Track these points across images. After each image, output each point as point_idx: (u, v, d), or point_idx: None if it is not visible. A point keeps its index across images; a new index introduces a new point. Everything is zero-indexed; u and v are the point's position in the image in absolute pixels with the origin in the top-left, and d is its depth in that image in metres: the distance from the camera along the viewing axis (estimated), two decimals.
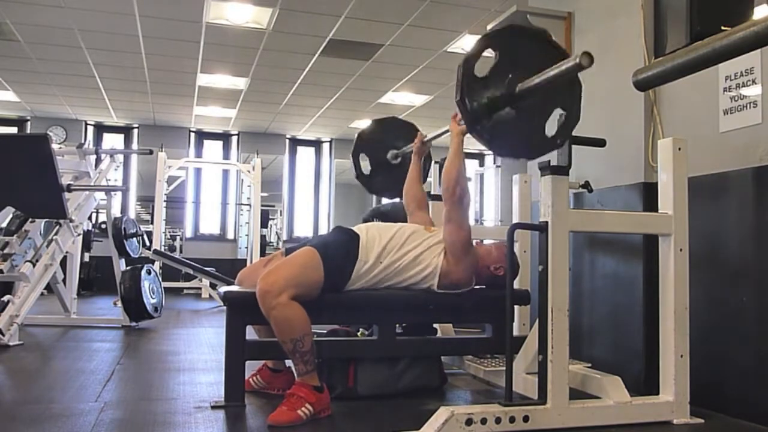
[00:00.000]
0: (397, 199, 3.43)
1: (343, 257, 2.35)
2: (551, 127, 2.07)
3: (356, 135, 3.25)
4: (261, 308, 2.14)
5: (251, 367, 2.54)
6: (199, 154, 10.28)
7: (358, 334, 2.76)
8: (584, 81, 3.03)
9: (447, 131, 2.52)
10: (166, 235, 10.00)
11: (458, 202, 2.36)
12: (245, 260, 9.22)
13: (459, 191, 2.35)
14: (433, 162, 3.34)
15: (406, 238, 2.43)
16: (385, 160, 3.22)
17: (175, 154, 9.25)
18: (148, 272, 4.83)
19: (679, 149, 2.21)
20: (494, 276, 2.50)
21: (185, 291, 8.70)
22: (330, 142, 10.90)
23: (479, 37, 2.03)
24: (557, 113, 2.07)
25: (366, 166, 3.22)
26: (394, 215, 2.72)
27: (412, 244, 2.42)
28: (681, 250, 2.20)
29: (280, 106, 8.71)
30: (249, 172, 8.67)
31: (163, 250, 8.07)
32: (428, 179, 3.28)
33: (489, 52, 2.00)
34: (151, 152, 6.02)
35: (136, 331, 4.55)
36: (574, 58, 1.74)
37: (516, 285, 2.69)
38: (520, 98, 1.97)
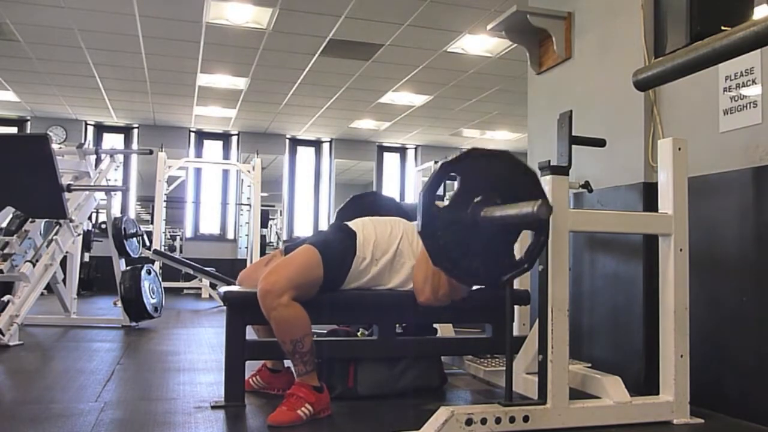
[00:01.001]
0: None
1: (342, 254, 2.35)
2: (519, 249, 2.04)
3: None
4: (262, 308, 2.14)
5: (251, 367, 2.54)
6: (199, 154, 10.29)
7: (358, 334, 2.76)
8: (584, 81, 3.04)
9: None
10: (166, 235, 10.00)
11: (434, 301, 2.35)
12: (245, 260, 9.22)
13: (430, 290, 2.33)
14: (433, 162, 3.33)
15: (399, 240, 2.43)
16: None
17: (175, 154, 9.25)
18: (148, 272, 4.83)
19: (679, 149, 2.21)
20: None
21: (185, 291, 8.70)
22: (330, 142, 10.90)
23: (438, 163, 1.98)
24: (526, 233, 2.03)
25: None
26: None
27: (403, 247, 2.42)
28: (681, 250, 2.20)
29: (280, 106, 8.71)
30: (249, 172, 8.67)
31: (163, 250, 8.07)
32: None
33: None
34: (151, 152, 6.02)
35: (136, 331, 4.55)
36: (533, 205, 1.71)
37: (516, 285, 2.69)
38: (485, 225, 1.92)
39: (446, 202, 1.96)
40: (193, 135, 10.30)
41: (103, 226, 6.60)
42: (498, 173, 1.99)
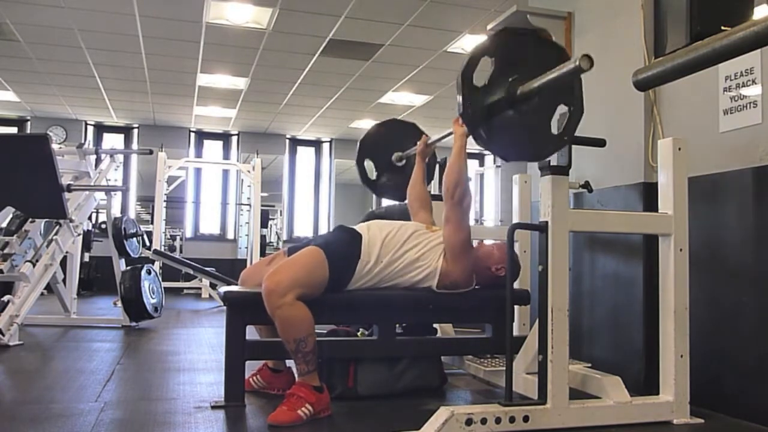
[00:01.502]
0: (393, 202, 3.42)
1: (347, 256, 2.35)
2: (555, 125, 2.07)
3: (359, 140, 3.24)
4: (266, 307, 2.14)
5: (251, 367, 2.54)
6: (199, 154, 10.29)
7: (358, 334, 2.76)
8: (584, 81, 3.03)
9: (450, 133, 2.52)
10: (166, 235, 10.00)
11: (458, 203, 2.36)
12: (245, 260, 9.22)
13: (459, 193, 2.35)
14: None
15: (407, 237, 2.43)
16: (389, 162, 3.21)
17: (175, 154, 9.25)
18: (148, 272, 4.83)
19: (679, 149, 2.21)
20: (496, 276, 2.50)
21: (185, 291, 8.70)
22: (330, 142, 10.90)
23: (475, 44, 2.02)
24: (561, 110, 2.07)
25: (371, 170, 3.21)
26: (389, 218, 2.72)
27: (413, 243, 2.42)
28: (681, 250, 2.20)
29: (280, 106, 8.71)
30: (249, 172, 8.67)
31: (163, 250, 8.07)
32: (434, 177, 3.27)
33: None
34: (151, 152, 6.01)
35: (136, 331, 4.55)
36: (574, 60, 1.74)
37: (516, 285, 2.69)
38: (522, 101, 1.97)
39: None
40: (193, 135, 10.29)
41: (103, 226, 6.59)
42: (530, 52, 2.03)
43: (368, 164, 3.21)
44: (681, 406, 2.16)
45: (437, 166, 3.24)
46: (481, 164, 11.16)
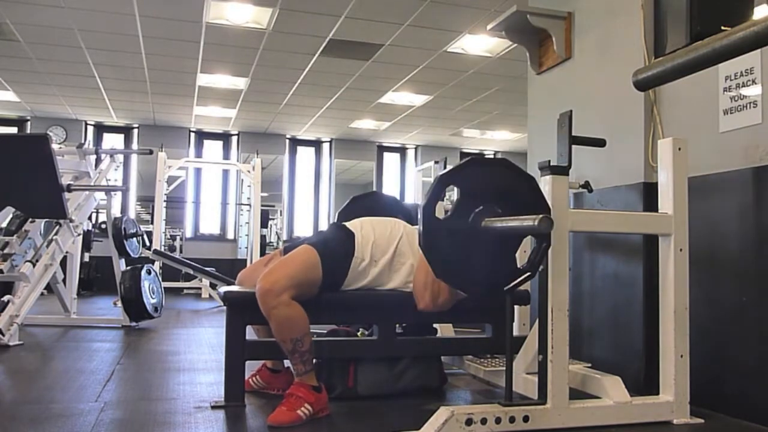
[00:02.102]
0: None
1: (341, 254, 2.35)
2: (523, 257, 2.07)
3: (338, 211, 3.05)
4: (261, 308, 2.14)
5: (251, 367, 2.54)
6: (199, 154, 10.29)
7: (358, 334, 2.76)
8: (584, 81, 3.04)
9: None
10: (166, 235, 10.00)
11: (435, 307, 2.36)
12: (245, 260, 9.22)
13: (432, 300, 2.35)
14: (433, 162, 3.33)
15: (398, 240, 2.43)
16: None
17: (175, 154, 9.25)
18: (148, 272, 4.83)
19: (679, 149, 2.21)
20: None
21: (185, 291, 8.70)
22: (330, 142, 10.90)
23: (437, 177, 1.99)
24: (529, 240, 2.06)
25: None
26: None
27: (403, 247, 2.42)
28: (681, 250, 2.20)
29: (280, 106, 8.71)
30: (249, 172, 8.67)
31: (163, 250, 8.07)
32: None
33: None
34: (151, 152, 6.02)
35: (136, 331, 4.55)
36: (534, 219, 1.75)
37: None
38: (486, 234, 1.93)
39: (448, 207, 1.97)
40: (193, 135, 10.30)
41: (103, 226, 6.60)
42: (498, 182, 2.00)
43: None
44: (681, 406, 2.16)
45: (435, 166, 3.22)
46: None
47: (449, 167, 2.04)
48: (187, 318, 5.80)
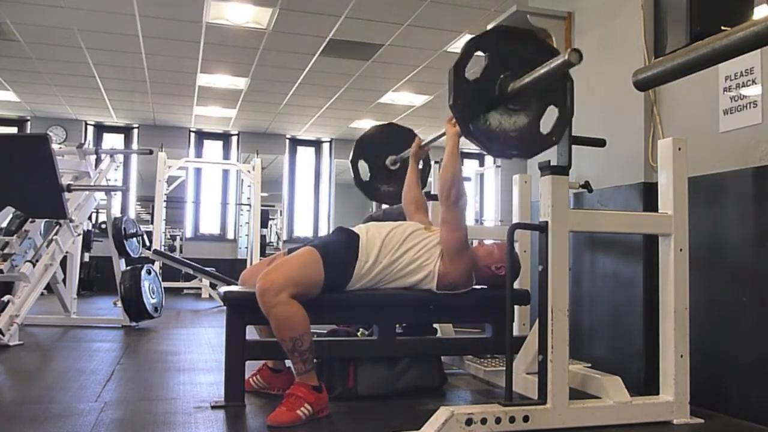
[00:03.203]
0: (388, 206, 3.42)
1: (344, 257, 2.35)
2: (546, 125, 2.07)
3: (354, 142, 3.24)
4: (261, 306, 2.15)
5: (251, 367, 2.54)
6: (199, 154, 10.28)
7: (358, 334, 2.76)
8: (584, 81, 3.03)
9: (443, 134, 2.52)
10: (166, 235, 10.00)
11: (454, 204, 2.36)
12: (245, 260, 9.22)
13: (454, 193, 2.34)
14: (433, 162, 3.34)
15: (406, 237, 2.43)
16: (383, 165, 3.22)
17: (175, 154, 9.25)
18: (148, 272, 4.83)
19: (679, 149, 2.21)
20: (496, 276, 2.50)
21: (185, 291, 8.70)
22: (330, 142, 10.90)
23: (468, 39, 2.02)
24: (551, 110, 2.07)
25: (365, 172, 3.21)
26: (387, 220, 2.72)
27: (411, 243, 2.42)
28: (681, 250, 2.20)
29: (280, 106, 8.71)
30: (249, 172, 8.67)
31: (163, 250, 8.07)
32: (429, 179, 3.27)
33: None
34: (151, 152, 6.01)
35: (136, 331, 4.55)
36: (563, 55, 1.75)
37: (516, 285, 2.69)
38: (513, 98, 1.98)
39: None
40: (193, 135, 10.29)
41: (103, 226, 6.59)
42: (524, 51, 2.03)
43: (362, 166, 3.22)
44: (681, 406, 2.16)
45: (437, 166, 3.24)
46: (481, 164, 11.16)
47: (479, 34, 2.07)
48: (187, 318, 5.80)
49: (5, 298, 3.83)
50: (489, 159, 10.97)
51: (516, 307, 2.86)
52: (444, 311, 2.54)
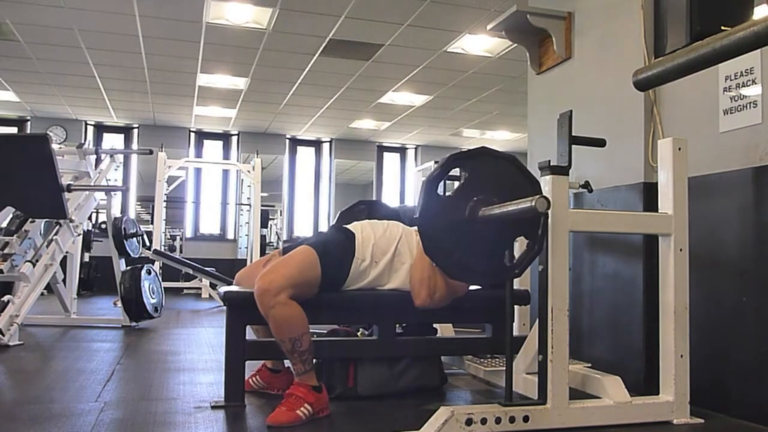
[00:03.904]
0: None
1: (340, 255, 2.35)
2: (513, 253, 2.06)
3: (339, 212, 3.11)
4: (259, 307, 2.14)
5: (251, 367, 2.54)
6: (199, 154, 10.29)
7: (358, 334, 2.76)
8: (584, 81, 3.04)
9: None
10: (166, 235, 10.00)
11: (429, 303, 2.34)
12: (245, 260, 9.22)
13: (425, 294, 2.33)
14: (433, 162, 3.34)
15: (398, 240, 2.42)
16: None
17: (175, 154, 9.25)
18: (148, 272, 4.83)
19: (679, 149, 2.21)
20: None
21: (185, 291, 8.70)
22: (330, 142, 10.90)
23: (446, 157, 2.00)
24: (521, 241, 2.06)
25: None
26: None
27: (402, 248, 2.42)
28: (681, 250, 2.20)
29: (280, 106, 8.71)
30: (249, 172, 8.67)
31: (163, 250, 8.07)
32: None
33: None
34: (151, 152, 6.01)
35: (136, 331, 4.55)
36: (531, 200, 1.76)
37: (516, 285, 2.69)
38: (482, 223, 1.95)
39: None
40: (193, 135, 10.30)
41: (103, 226, 6.60)
42: (502, 176, 2.02)
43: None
44: (681, 406, 2.16)
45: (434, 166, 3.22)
46: None
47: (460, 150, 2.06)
48: (187, 318, 5.80)
49: (5, 298, 3.83)
50: None
51: (516, 307, 2.85)
52: (444, 311, 2.53)
